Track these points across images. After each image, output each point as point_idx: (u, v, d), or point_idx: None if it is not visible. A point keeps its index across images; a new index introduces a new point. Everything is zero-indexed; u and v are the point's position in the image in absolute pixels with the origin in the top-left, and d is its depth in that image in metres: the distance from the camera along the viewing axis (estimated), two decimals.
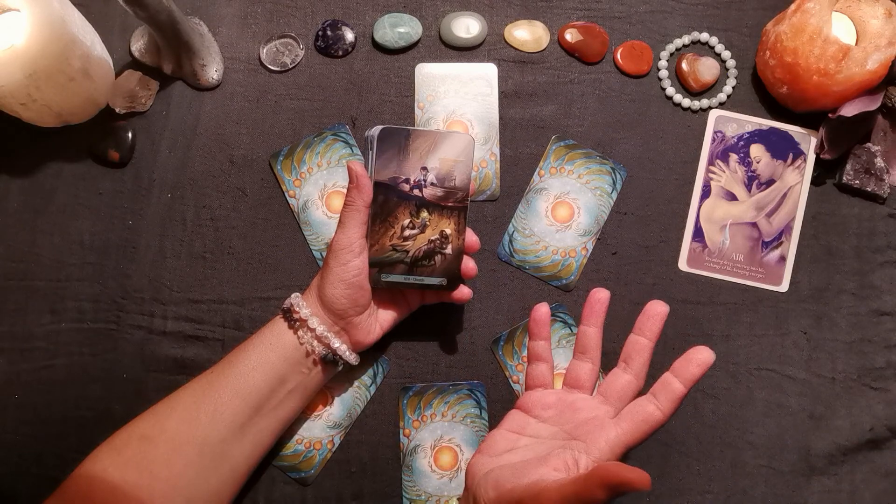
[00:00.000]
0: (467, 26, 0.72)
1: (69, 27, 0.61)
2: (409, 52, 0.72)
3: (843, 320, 0.69)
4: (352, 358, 0.62)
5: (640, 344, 0.54)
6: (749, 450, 0.67)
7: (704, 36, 0.73)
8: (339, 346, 0.60)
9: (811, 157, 0.71)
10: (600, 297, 0.57)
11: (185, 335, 0.68)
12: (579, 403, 0.55)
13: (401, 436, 0.67)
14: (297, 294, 0.61)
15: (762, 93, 0.72)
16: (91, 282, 0.68)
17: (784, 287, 0.69)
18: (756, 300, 0.69)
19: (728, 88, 0.72)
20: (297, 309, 0.60)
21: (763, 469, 0.67)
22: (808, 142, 0.71)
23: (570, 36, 0.72)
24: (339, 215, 0.60)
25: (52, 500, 0.54)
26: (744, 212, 0.70)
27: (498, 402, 0.67)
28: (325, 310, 0.60)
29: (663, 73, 0.72)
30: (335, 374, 0.63)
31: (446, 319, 0.68)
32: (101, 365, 0.67)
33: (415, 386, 0.67)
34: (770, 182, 0.71)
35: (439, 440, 0.66)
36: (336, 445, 0.66)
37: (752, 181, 0.71)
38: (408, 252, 0.61)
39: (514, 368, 0.68)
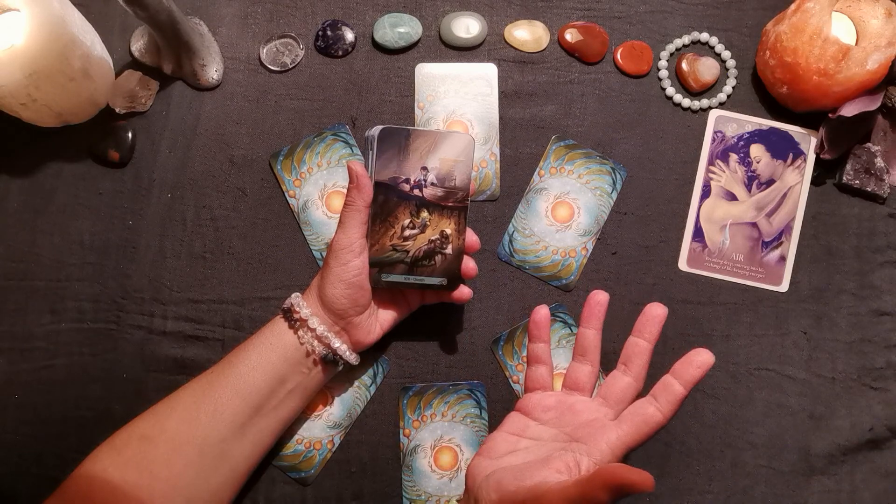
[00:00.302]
0: (467, 26, 0.72)
1: (69, 27, 0.61)
2: (409, 52, 0.72)
3: (843, 320, 0.69)
4: (352, 358, 0.62)
5: (640, 346, 0.54)
6: (749, 450, 0.67)
7: (704, 36, 0.73)
8: (340, 345, 0.60)
9: (811, 157, 0.71)
10: (599, 299, 0.57)
11: (185, 335, 0.68)
12: (579, 406, 0.55)
13: (401, 436, 0.67)
14: (298, 294, 0.61)
15: (762, 93, 0.72)
16: (91, 282, 0.68)
17: (784, 287, 0.69)
18: (756, 300, 0.69)
19: (728, 88, 0.72)
20: (297, 309, 0.60)
21: (763, 469, 0.67)
22: (808, 142, 0.71)
23: (570, 36, 0.72)
24: (339, 215, 0.60)
25: (52, 500, 0.54)
26: (744, 212, 0.70)
27: (498, 402, 0.67)
28: (325, 310, 0.60)
29: (663, 73, 0.72)
30: (335, 374, 0.63)
31: (446, 319, 0.68)
32: (101, 365, 0.67)
33: (415, 386, 0.67)
34: (770, 182, 0.71)
35: (439, 440, 0.66)
36: (336, 445, 0.66)
37: (752, 181, 0.71)
38: (408, 252, 0.61)
39: (514, 368, 0.68)
